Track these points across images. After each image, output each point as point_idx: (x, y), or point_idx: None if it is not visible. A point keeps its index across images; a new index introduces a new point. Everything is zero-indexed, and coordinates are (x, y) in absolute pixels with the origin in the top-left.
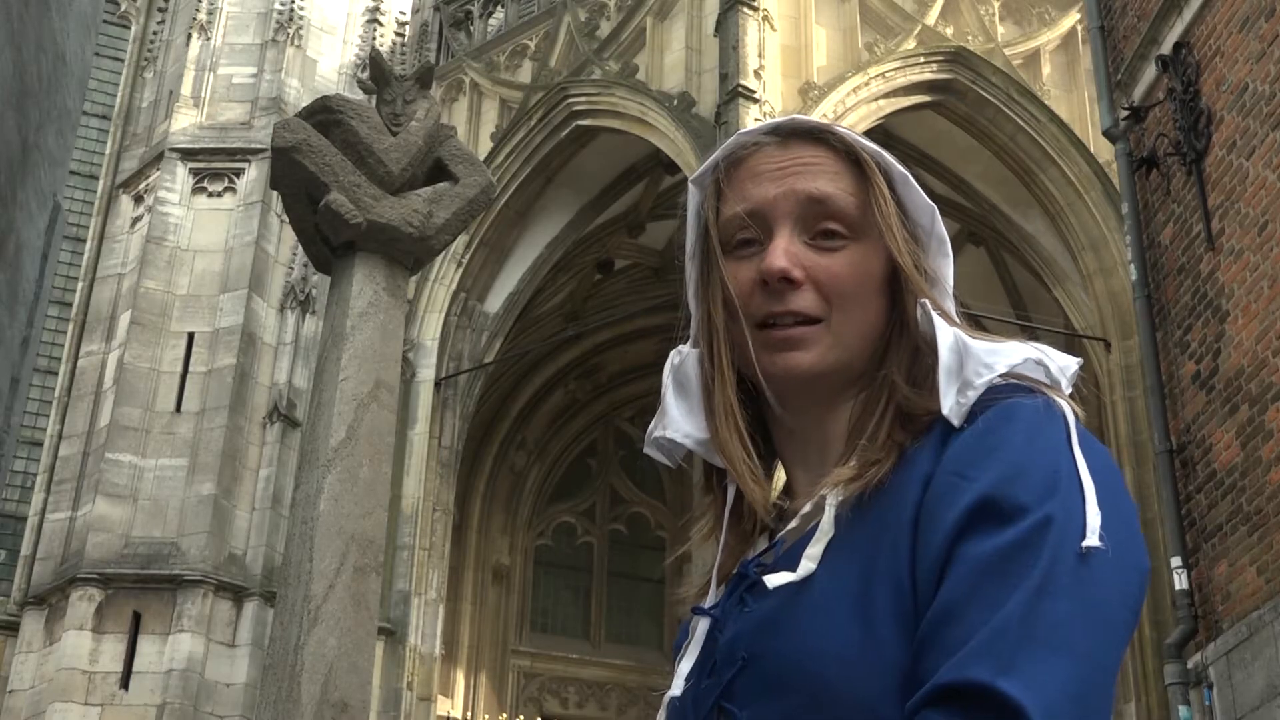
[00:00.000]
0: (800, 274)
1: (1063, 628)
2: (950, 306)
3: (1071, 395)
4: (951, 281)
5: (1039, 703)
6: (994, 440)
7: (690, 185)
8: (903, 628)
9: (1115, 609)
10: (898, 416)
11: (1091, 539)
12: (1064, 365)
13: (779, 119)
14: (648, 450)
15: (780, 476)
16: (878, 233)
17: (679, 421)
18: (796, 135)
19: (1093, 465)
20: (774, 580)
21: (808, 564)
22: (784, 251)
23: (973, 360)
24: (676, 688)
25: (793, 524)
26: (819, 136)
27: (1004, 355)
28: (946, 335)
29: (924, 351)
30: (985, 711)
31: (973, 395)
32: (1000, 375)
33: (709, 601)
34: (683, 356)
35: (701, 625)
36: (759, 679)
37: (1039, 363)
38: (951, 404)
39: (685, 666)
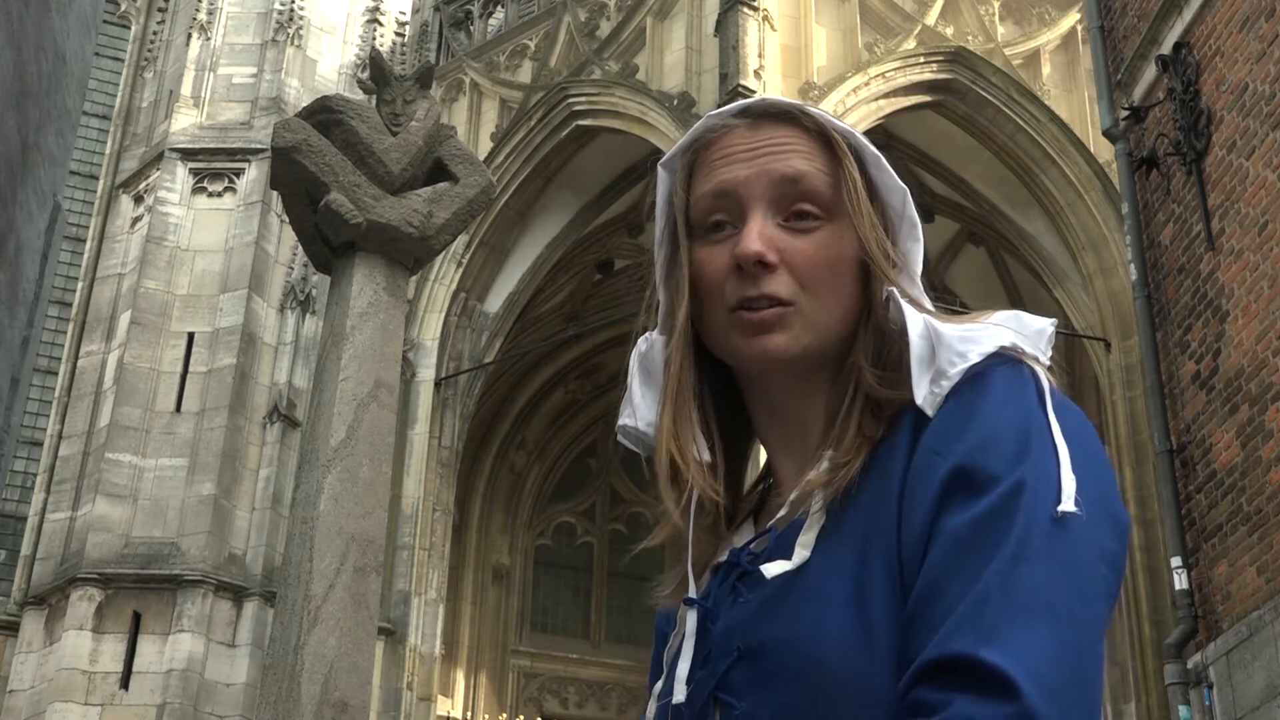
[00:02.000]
0: (775, 257)
1: (1042, 592)
2: (918, 292)
3: (1051, 362)
4: (920, 266)
5: (1024, 668)
6: (967, 412)
7: (659, 169)
8: (897, 609)
9: (1094, 568)
10: (868, 405)
11: (1067, 503)
12: (1039, 330)
13: (749, 100)
14: (620, 438)
15: (759, 458)
16: (850, 213)
17: (644, 410)
18: (767, 116)
19: (1066, 427)
20: (771, 569)
21: (801, 552)
22: (758, 234)
23: (945, 349)
24: (679, 693)
25: (782, 511)
26: (790, 117)
27: (977, 343)
28: (916, 322)
29: (891, 336)
30: (972, 682)
31: (946, 385)
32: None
33: (691, 592)
34: (650, 343)
35: (691, 618)
36: (757, 668)
37: (1013, 345)
38: (925, 394)
39: (684, 668)
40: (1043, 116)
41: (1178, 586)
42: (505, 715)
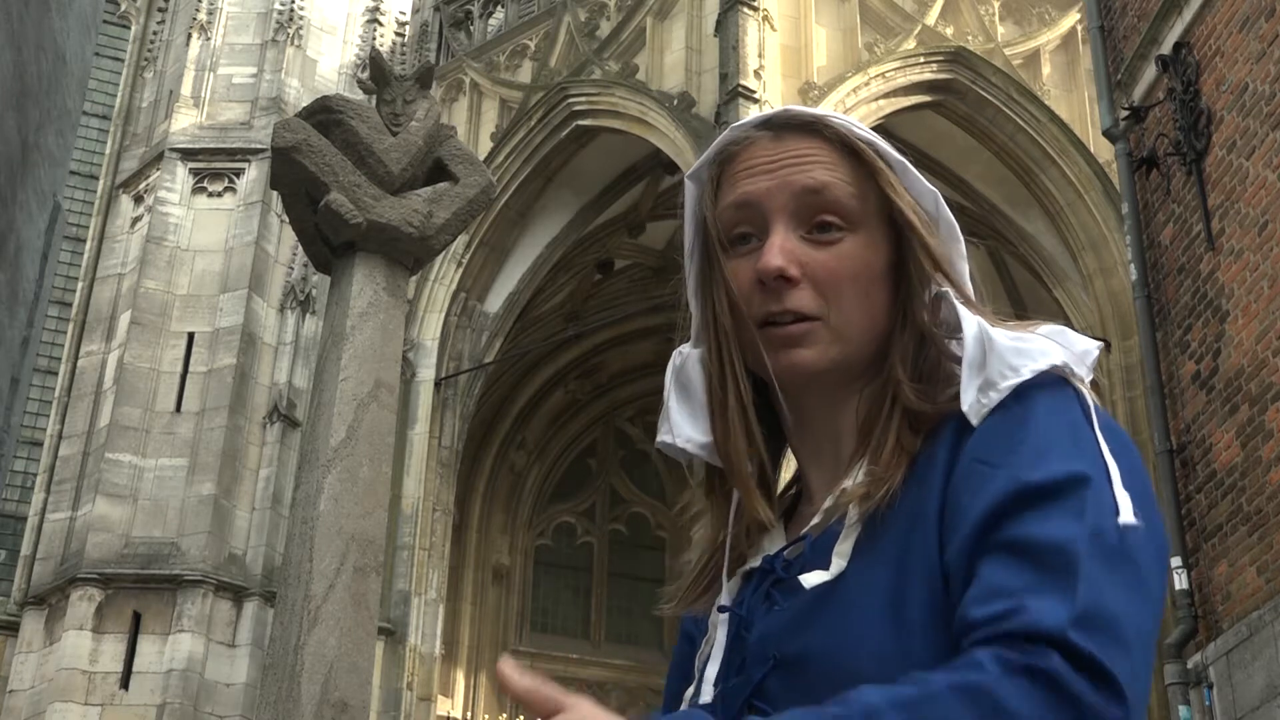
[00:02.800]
0: (797, 271)
1: (1111, 603)
2: (969, 291)
3: (1093, 382)
4: (966, 266)
5: (1122, 671)
6: (1015, 424)
7: (687, 181)
8: (936, 621)
9: (1153, 582)
10: (905, 417)
11: (1126, 515)
12: (1084, 350)
13: (771, 111)
14: (660, 448)
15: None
16: (877, 223)
17: (682, 426)
18: (789, 128)
19: (1112, 445)
20: (810, 579)
21: (839, 561)
22: (780, 249)
23: (997, 359)
24: (706, 694)
25: (816, 519)
26: (812, 128)
27: (1030, 357)
28: (971, 325)
29: (929, 341)
30: (1070, 660)
31: (995, 397)
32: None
33: (724, 599)
34: (684, 358)
35: (723, 625)
36: (794, 678)
37: (1065, 363)
38: (972, 402)
39: (713, 671)
40: (1043, 116)
41: (1177, 586)
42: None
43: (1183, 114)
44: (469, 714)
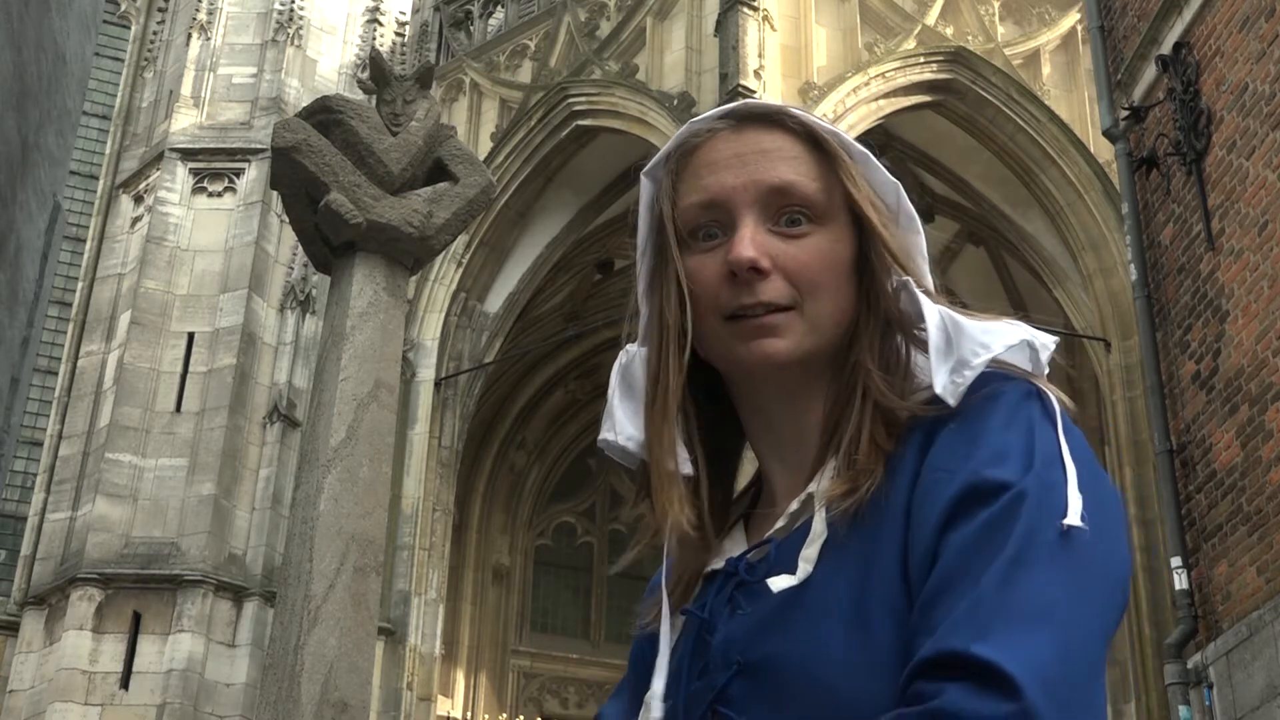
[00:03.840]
0: (768, 263)
1: (1039, 595)
2: (929, 283)
3: (1049, 376)
4: (926, 258)
5: (1023, 666)
6: (974, 430)
7: (642, 178)
8: (901, 628)
9: (1097, 583)
10: (878, 414)
11: (1073, 518)
12: (1043, 344)
13: (731, 104)
14: (602, 447)
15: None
16: (843, 216)
17: (624, 424)
18: (751, 120)
19: (1074, 449)
20: (776, 584)
21: (805, 566)
22: (751, 241)
23: (967, 339)
24: (656, 709)
25: (780, 522)
26: (774, 120)
27: (999, 335)
28: (933, 313)
29: (893, 329)
30: (966, 675)
31: (969, 375)
32: (995, 357)
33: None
34: (630, 356)
35: (679, 627)
36: (758, 684)
37: (1030, 344)
38: (945, 383)
39: (659, 684)
40: (1043, 116)
41: (1178, 586)
42: (505, 715)
43: (1183, 114)
44: (469, 714)
